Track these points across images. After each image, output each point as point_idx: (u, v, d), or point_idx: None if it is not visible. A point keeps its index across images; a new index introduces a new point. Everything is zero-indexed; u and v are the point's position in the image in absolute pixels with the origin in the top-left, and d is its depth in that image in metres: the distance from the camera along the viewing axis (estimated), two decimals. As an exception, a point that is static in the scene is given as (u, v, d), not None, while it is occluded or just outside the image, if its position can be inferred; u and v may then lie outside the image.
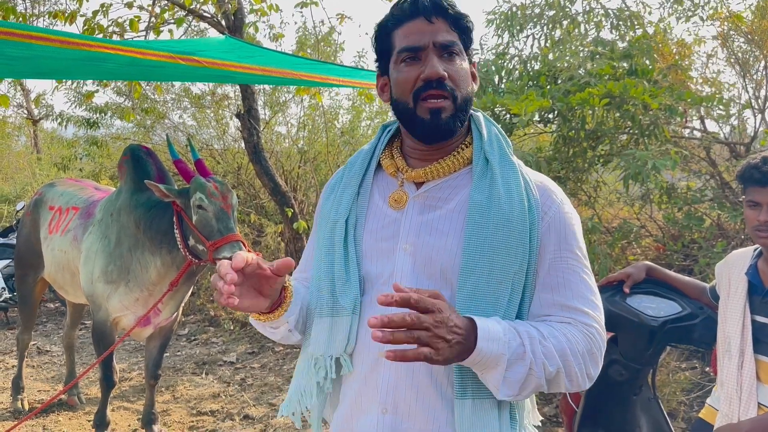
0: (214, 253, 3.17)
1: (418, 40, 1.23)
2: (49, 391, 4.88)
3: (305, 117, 8.02)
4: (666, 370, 4.04)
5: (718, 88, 4.81)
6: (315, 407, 1.36)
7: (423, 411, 1.22)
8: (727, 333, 2.11)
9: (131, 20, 5.15)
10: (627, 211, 5.17)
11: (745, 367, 2.04)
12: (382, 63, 1.33)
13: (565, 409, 2.69)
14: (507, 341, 1.13)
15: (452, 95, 1.23)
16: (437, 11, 1.24)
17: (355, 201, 1.34)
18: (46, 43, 2.41)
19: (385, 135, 1.41)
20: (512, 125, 3.90)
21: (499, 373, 1.13)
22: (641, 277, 2.45)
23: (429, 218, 1.26)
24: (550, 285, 1.23)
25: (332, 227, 1.33)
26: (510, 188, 1.23)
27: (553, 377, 1.16)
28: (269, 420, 4.19)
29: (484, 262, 1.19)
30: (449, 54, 1.24)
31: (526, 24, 4.68)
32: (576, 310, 1.22)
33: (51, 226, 3.98)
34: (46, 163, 12.71)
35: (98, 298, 3.57)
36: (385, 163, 1.36)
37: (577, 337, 1.19)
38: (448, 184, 1.29)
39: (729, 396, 2.07)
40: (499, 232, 1.20)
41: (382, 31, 1.31)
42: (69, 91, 8.12)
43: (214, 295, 1.15)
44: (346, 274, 1.29)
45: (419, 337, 1.03)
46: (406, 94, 1.25)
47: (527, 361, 1.14)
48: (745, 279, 2.12)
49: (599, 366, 1.22)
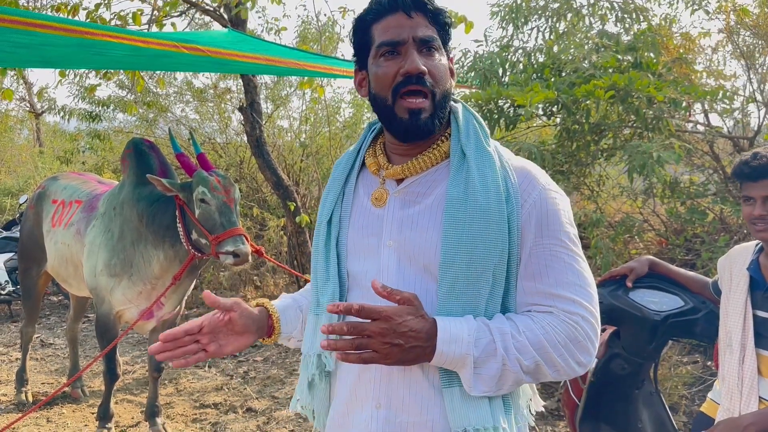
0: (217, 246, 3.17)
1: (397, 35, 1.22)
2: (52, 383, 4.90)
3: (307, 111, 8.01)
4: (668, 364, 4.04)
5: (723, 81, 4.79)
6: (311, 403, 1.38)
7: (416, 403, 1.23)
8: (729, 328, 2.11)
9: (134, 13, 5.15)
10: (630, 205, 5.16)
11: (747, 361, 2.04)
12: (360, 57, 1.32)
13: (567, 402, 2.70)
14: (473, 341, 1.14)
15: (431, 92, 1.22)
16: (416, 6, 1.23)
17: (341, 201, 1.36)
18: (51, 31, 2.42)
19: (370, 133, 1.41)
20: (516, 117, 3.89)
21: (468, 372, 1.15)
22: (644, 271, 2.45)
23: (409, 213, 1.27)
24: (532, 273, 1.22)
25: (318, 228, 1.38)
26: (486, 180, 1.22)
27: (532, 370, 1.17)
28: (272, 413, 4.21)
29: (463, 256, 1.19)
30: (428, 49, 1.24)
31: (531, 16, 4.66)
32: (558, 297, 1.20)
33: (54, 219, 3.98)
34: (48, 157, 12.73)
35: (101, 292, 3.58)
36: (368, 161, 1.37)
37: (556, 328, 1.18)
38: (426, 179, 1.29)
39: (730, 390, 2.07)
40: (476, 224, 1.19)
41: (360, 25, 1.29)
42: (72, 84, 8.12)
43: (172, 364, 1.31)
44: (326, 274, 1.32)
45: (359, 344, 1.10)
46: (385, 90, 1.24)
47: (499, 358, 1.15)
48: (746, 274, 2.11)
49: (591, 352, 1.21)
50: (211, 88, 8.40)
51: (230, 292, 6.88)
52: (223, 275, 7.00)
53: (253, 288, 6.92)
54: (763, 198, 2.02)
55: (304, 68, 3.78)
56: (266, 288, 6.71)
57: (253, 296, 6.71)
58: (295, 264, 6.09)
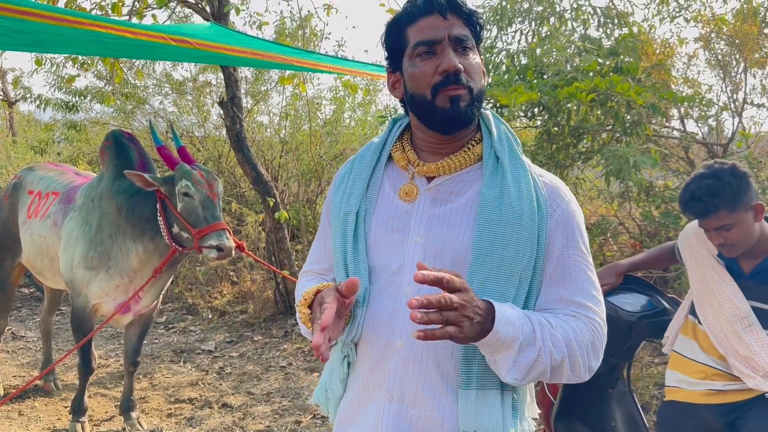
0: (200, 241, 3.16)
1: (434, 34, 1.25)
2: (24, 376, 4.83)
3: (288, 107, 7.98)
4: (640, 364, 4.12)
5: (698, 89, 4.88)
6: (334, 395, 1.40)
7: (429, 399, 1.25)
8: (732, 311, 2.15)
9: (114, 4, 5.08)
10: (605, 208, 5.24)
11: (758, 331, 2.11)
12: (393, 60, 1.35)
13: (543, 401, 2.74)
14: (521, 326, 1.16)
15: (468, 87, 1.26)
16: (451, 7, 1.27)
17: (365, 193, 1.36)
18: (40, 20, 2.39)
19: (396, 129, 1.43)
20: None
21: (510, 356, 1.16)
22: (618, 282, 2.55)
23: (440, 211, 1.29)
24: (557, 280, 1.26)
25: (344, 219, 1.35)
26: (520, 186, 1.26)
27: (558, 365, 1.19)
28: (248, 408, 4.20)
29: (494, 257, 1.22)
30: (463, 48, 1.27)
31: (515, 19, 4.71)
32: (580, 305, 1.25)
33: (30, 210, 3.92)
34: (21, 146, 12.49)
35: (78, 284, 3.54)
36: (396, 156, 1.38)
37: (582, 329, 1.22)
38: (459, 179, 1.31)
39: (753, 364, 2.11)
40: (509, 228, 1.23)
41: (394, 27, 1.32)
42: (48, 74, 7.99)
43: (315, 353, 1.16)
44: (356, 265, 1.31)
45: (448, 318, 1.06)
46: (424, 88, 1.27)
47: (537, 347, 1.17)
48: (720, 260, 2.20)
49: (600, 359, 1.26)
50: (190, 81, 8.33)
51: (206, 287, 6.84)
52: (199, 270, 6.95)
53: (229, 283, 6.88)
54: (714, 230, 2.10)
55: (289, 63, 3.77)
56: (243, 284, 6.68)
57: (230, 292, 6.68)
58: (273, 260, 6.07)
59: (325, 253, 1.48)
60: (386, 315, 1.28)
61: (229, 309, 6.38)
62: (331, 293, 1.22)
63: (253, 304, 6.25)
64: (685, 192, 2.15)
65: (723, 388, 2.18)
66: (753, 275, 2.14)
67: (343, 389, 1.38)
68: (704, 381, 2.24)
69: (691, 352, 2.29)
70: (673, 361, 2.38)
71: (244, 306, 6.36)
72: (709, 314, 2.20)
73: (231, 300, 6.55)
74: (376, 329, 1.29)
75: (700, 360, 2.26)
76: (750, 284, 2.15)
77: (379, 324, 1.29)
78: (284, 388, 4.55)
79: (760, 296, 2.13)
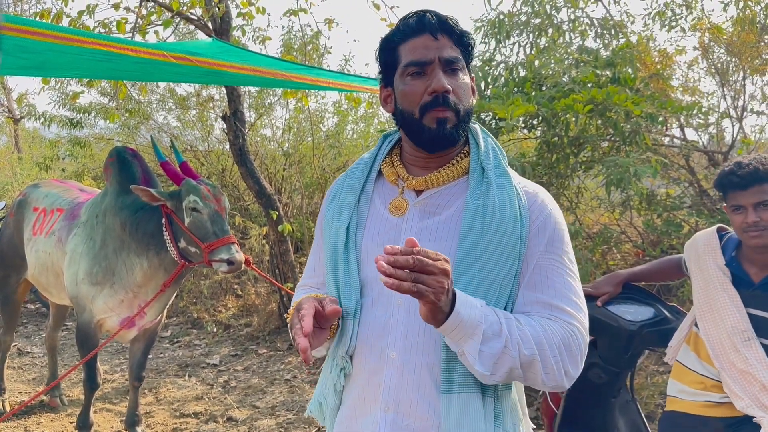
0: (210, 254, 3.19)
1: (424, 55, 1.29)
2: (30, 392, 4.85)
3: (291, 120, 8.03)
4: (644, 373, 4.11)
5: (698, 97, 4.91)
6: (329, 406, 1.42)
7: (423, 407, 1.27)
8: (733, 325, 2.14)
9: (118, 21, 5.13)
10: (607, 217, 5.25)
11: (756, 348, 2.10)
12: (386, 75, 1.38)
13: (546, 411, 2.75)
14: (484, 313, 1.18)
15: (455, 109, 1.29)
16: (443, 28, 1.30)
17: (356, 207, 1.40)
18: (51, 40, 2.44)
19: (386, 144, 1.47)
20: (498, 130, 3.96)
21: (475, 345, 1.17)
22: (618, 291, 2.55)
23: (428, 224, 1.32)
24: (534, 283, 1.28)
25: (335, 233, 1.39)
26: (504, 197, 1.29)
27: (528, 363, 1.20)
28: (253, 422, 4.20)
29: (476, 264, 1.25)
30: (453, 70, 1.30)
31: (513, 31, 4.74)
32: (558, 308, 1.26)
33: (35, 227, 3.96)
34: (27, 163, 12.57)
35: (83, 300, 3.56)
36: (386, 171, 1.42)
37: (554, 330, 1.23)
38: (446, 192, 1.34)
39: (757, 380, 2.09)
40: (492, 236, 1.25)
41: (387, 44, 1.36)
42: (53, 91, 8.06)
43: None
44: (347, 279, 1.34)
45: (416, 278, 1.07)
46: (413, 106, 1.30)
47: (503, 338, 1.18)
48: (726, 271, 2.19)
49: (579, 365, 1.25)
50: (193, 96, 8.38)
51: (211, 301, 6.86)
52: (204, 284, 6.97)
53: (234, 297, 6.90)
54: (754, 205, 2.07)
55: (290, 79, 3.80)
56: (248, 297, 6.70)
57: (234, 305, 6.70)
58: (276, 273, 6.09)
59: (319, 267, 1.51)
60: (379, 327, 1.31)
61: (234, 322, 6.40)
62: (310, 300, 1.26)
63: (257, 318, 6.26)
64: (731, 165, 2.12)
65: (720, 400, 2.17)
66: (762, 285, 2.14)
67: (339, 401, 1.40)
68: (703, 392, 2.23)
69: (691, 363, 2.30)
70: (675, 371, 2.38)
71: (248, 319, 6.38)
72: (709, 326, 2.20)
73: (235, 313, 6.57)
74: (370, 341, 1.31)
75: (699, 371, 2.26)
76: (758, 293, 2.14)
77: (372, 336, 1.31)
78: (289, 401, 4.55)
79: (766, 306, 2.13)
